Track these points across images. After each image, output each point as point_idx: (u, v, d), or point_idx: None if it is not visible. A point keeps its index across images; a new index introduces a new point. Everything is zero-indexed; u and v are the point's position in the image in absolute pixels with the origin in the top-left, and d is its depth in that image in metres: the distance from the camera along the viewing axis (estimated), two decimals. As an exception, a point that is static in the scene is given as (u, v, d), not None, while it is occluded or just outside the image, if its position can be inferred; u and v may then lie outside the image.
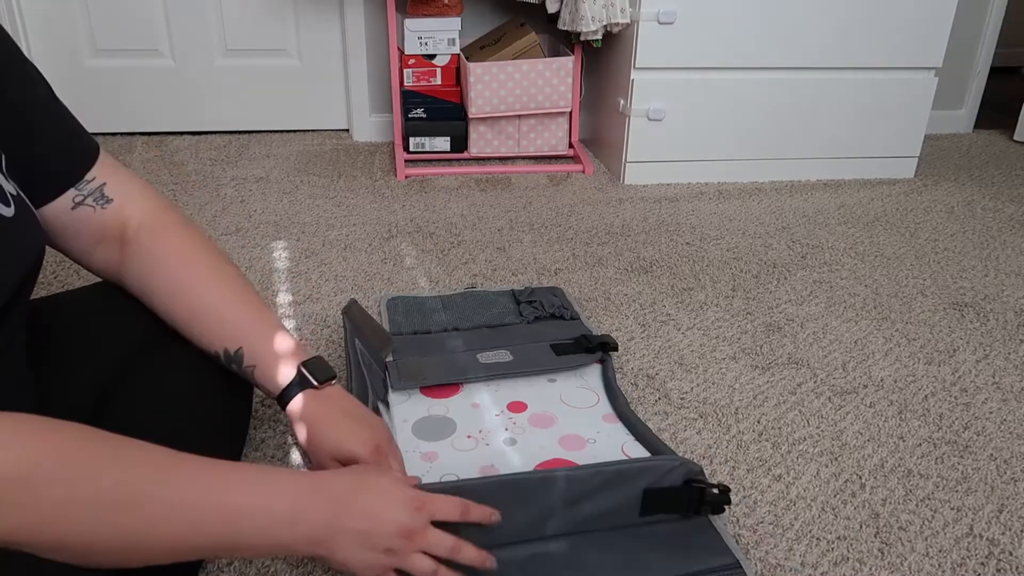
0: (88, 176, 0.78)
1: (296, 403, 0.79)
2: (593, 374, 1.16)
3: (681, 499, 0.86)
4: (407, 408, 1.05)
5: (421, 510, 0.68)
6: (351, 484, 0.67)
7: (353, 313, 1.17)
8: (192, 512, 0.57)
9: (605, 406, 1.08)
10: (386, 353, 1.14)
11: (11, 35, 0.75)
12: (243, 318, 0.80)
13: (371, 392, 1.01)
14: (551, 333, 1.24)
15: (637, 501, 0.85)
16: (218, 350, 0.80)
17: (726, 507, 0.87)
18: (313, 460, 0.80)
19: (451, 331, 1.25)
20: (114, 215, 0.79)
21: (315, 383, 0.80)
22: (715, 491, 0.86)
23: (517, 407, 1.07)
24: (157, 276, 0.80)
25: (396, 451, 0.82)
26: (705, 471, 0.99)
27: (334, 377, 0.82)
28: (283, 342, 0.81)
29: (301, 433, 0.79)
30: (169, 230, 0.81)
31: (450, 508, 0.71)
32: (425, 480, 0.88)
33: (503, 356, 1.16)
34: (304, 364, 0.81)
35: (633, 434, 1.02)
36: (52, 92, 0.76)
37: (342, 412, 0.80)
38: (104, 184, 0.78)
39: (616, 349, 1.20)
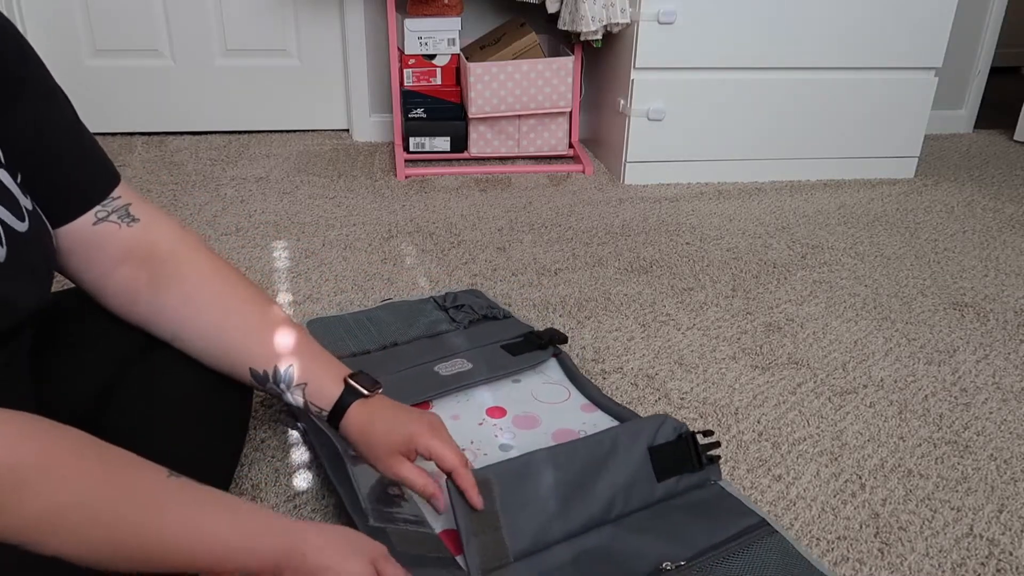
0: (114, 194, 0.78)
1: (350, 413, 0.81)
2: (553, 368, 1.17)
3: (685, 452, 0.92)
4: None
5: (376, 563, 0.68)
6: (325, 543, 0.66)
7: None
8: (172, 548, 0.58)
9: (579, 397, 1.11)
10: None
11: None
12: (290, 337, 0.82)
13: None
14: (494, 334, 1.22)
15: (648, 466, 0.90)
16: (266, 368, 0.80)
17: (719, 454, 0.95)
18: (378, 465, 0.82)
19: (391, 347, 1.19)
20: (142, 234, 0.78)
21: (365, 393, 0.82)
22: (702, 436, 0.94)
23: (497, 412, 1.07)
24: (202, 294, 0.80)
25: (447, 435, 0.84)
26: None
27: (379, 387, 0.84)
28: (326, 358, 0.84)
29: (360, 441, 0.81)
30: (202, 251, 0.82)
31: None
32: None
33: (462, 365, 1.13)
34: (350, 377, 0.83)
35: (616, 419, 1.05)
36: (75, 114, 0.76)
37: (392, 407, 0.84)
38: (130, 204, 0.78)
39: (565, 341, 1.21)
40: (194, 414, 0.80)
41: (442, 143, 2.11)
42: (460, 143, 2.11)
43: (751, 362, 1.25)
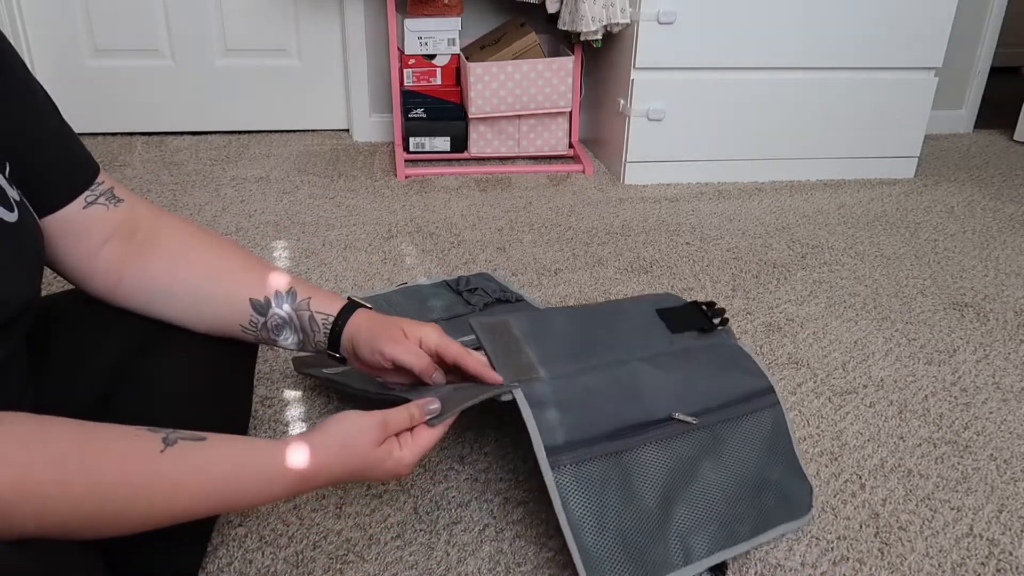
0: (98, 180, 0.80)
1: (355, 319, 0.85)
2: None
3: (694, 314, 1.01)
4: None
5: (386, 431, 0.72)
6: (332, 459, 0.69)
7: (308, 362, 1.15)
8: (181, 514, 0.60)
9: None
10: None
11: (11, 36, 0.75)
12: (283, 271, 0.88)
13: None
14: None
15: (660, 323, 0.99)
16: (267, 294, 0.84)
17: (728, 319, 1.04)
18: (382, 346, 0.83)
19: None
20: (126, 213, 0.81)
21: (368, 305, 0.88)
22: (707, 307, 1.03)
23: None
24: (189, 247, 0.83)
25: (455, 343, 0.86)
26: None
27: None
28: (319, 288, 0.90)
29: (370, 327, 0.84)
30: (182, 220, 0.86)
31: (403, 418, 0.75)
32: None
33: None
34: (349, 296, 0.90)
35: None
36: (52, 102, 0.77)
37: (396, 318, 0.87)
38: (113, 188, 0.81)
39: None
40: (193, 416, 0.80)
41: (442, 143, 2.11)
42: (460, 143, 2.11)
43: (751, 362, 1.25)
